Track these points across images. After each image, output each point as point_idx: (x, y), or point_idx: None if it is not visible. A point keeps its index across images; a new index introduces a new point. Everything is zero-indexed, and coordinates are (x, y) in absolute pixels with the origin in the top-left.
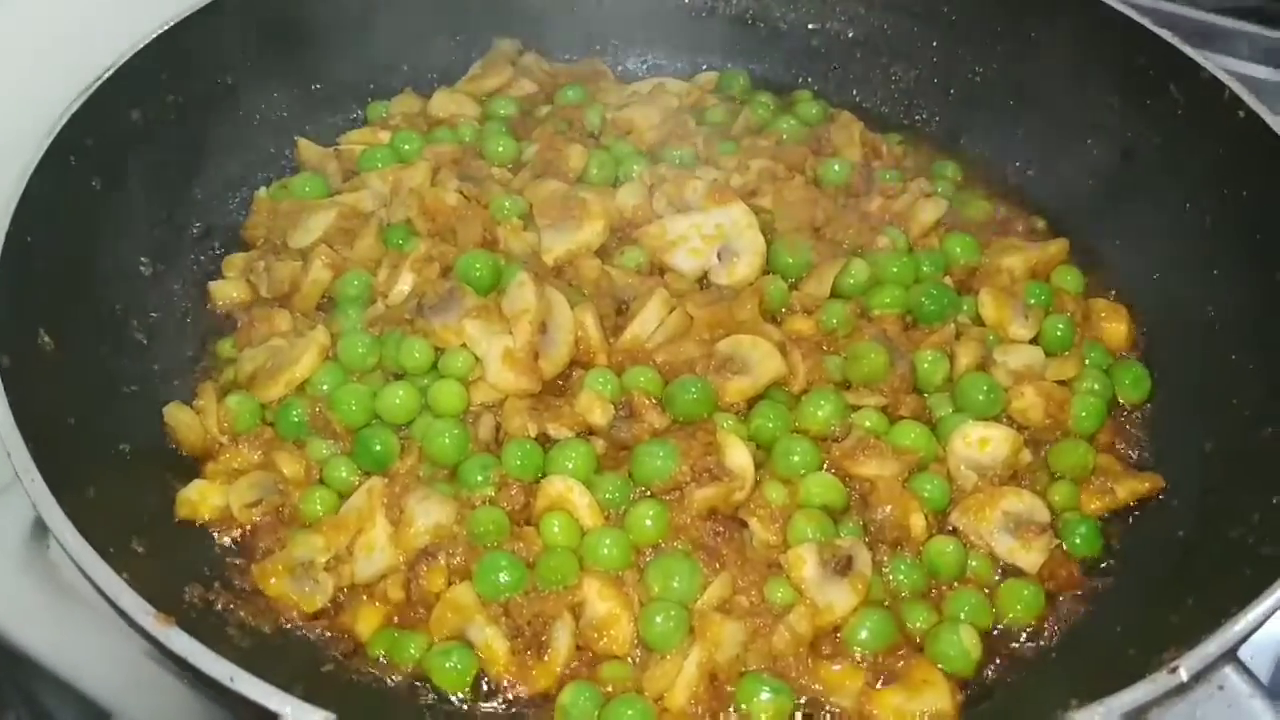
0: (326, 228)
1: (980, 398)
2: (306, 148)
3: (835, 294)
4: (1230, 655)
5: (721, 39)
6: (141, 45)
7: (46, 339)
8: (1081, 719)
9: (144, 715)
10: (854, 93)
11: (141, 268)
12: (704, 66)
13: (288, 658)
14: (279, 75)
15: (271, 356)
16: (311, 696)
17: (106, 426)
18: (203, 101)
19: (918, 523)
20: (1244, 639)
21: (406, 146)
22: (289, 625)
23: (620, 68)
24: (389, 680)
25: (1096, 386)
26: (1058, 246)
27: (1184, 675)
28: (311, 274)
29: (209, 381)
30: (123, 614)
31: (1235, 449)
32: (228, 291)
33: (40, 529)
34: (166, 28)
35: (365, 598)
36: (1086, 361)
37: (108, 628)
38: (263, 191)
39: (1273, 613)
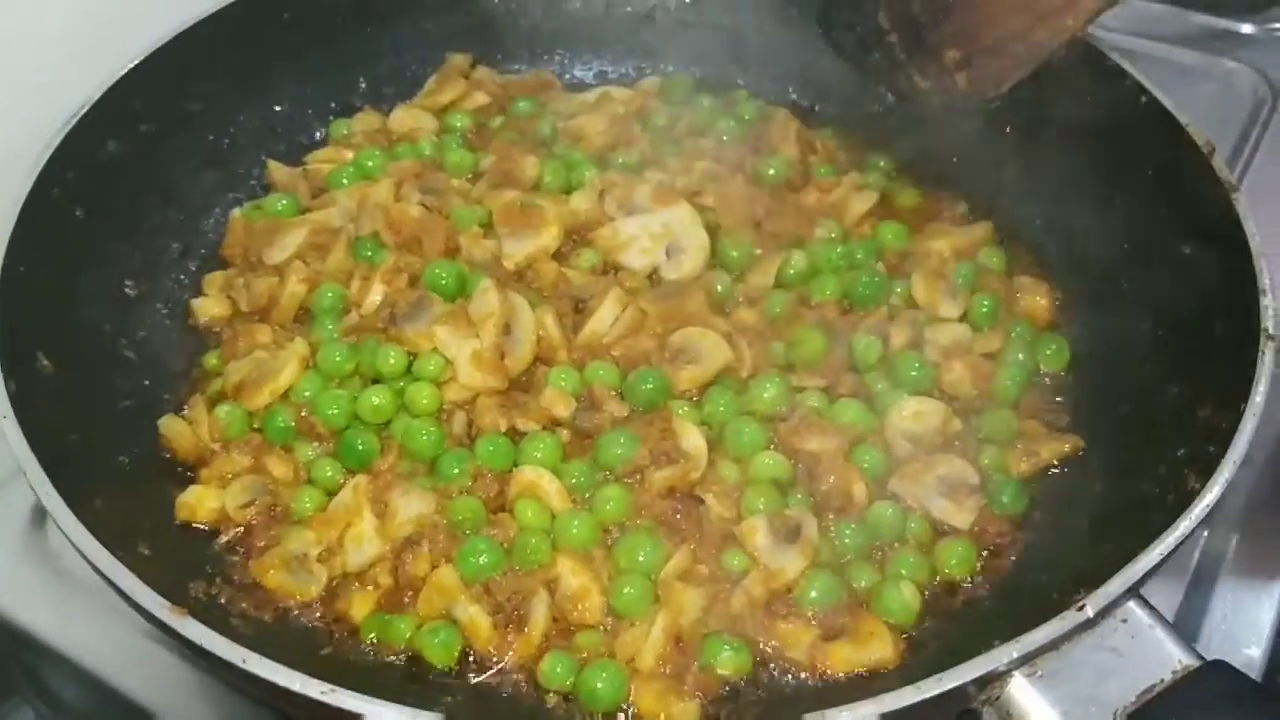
0: (299, 244)
1: (913, 374)
2: (276, 169)
3: (777, 284)
4: (1132, 592)
5: (663, 44)
6: (114, 79)
7: (45, 362)
8: (999, 655)
9: (143, 689)
10: (789, 90)
11: (126, 289)
12: (648, 71)
13: (288, 643)
14: (243, 100)
15: (255, 368)
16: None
17: (106, 441)
18: (174, 129)
19: (859, 491)
20: (1144, 578)
21: (370, 163)
22: (287, 614)
23: (568, 76)
24: (383, 659)
25: (1020, 357)
26: (982, 229)
27: (1090, 612)
28: (288, 288)
29: (199, 394)
30: (140, 609)
31: (1145, 410)
32: (209, 308)
33: (38, 518)
34: (135, 62)
35: (357, 585)
36: (1011, 335)
37: (106, 610)
38: (237, 212)
39: (1169, 554)
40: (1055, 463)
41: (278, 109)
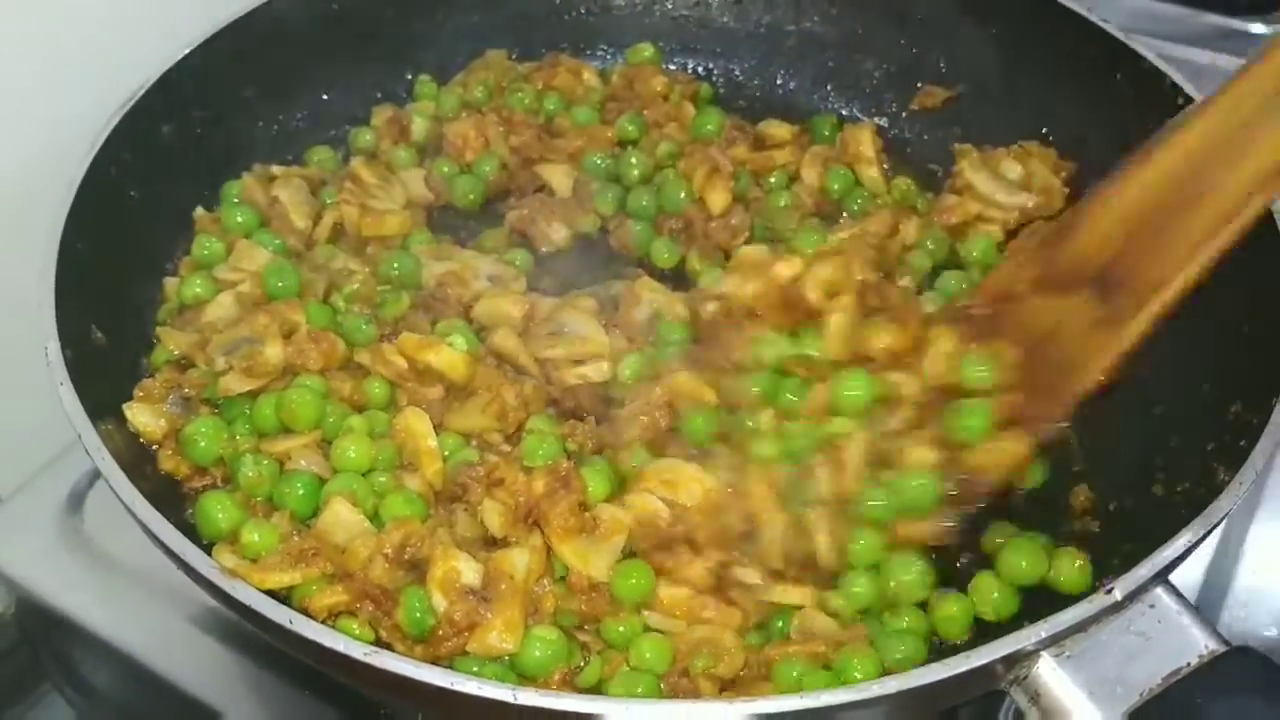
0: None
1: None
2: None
3: None
4: (1160, 578)
5: (706, 41)
6: (170, 64)
7: (99, 334)
8: (1027, 634)
9: (179, 673)
10: (830, 92)
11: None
12: (690, 68)
13: None
14: (293, 88)
15: None
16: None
17: None
18: (226, 114)
19: None
20: (1172, 564)
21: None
22: None
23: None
24: None
25: None
26: None
27: (1118, 595)
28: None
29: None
30: (191, 570)
31: (1177, 408)
32: (143, 420)
33: (74, 503)
34: (190, 48)
35: None
36: None
37: (142, 594)
38: (169, 283)
39: (1197, 542)
40: None
41: (325, 97)
